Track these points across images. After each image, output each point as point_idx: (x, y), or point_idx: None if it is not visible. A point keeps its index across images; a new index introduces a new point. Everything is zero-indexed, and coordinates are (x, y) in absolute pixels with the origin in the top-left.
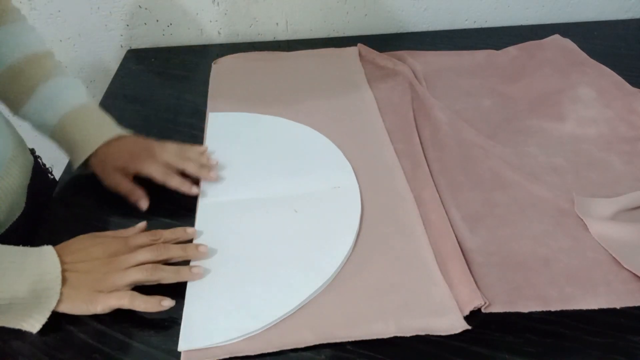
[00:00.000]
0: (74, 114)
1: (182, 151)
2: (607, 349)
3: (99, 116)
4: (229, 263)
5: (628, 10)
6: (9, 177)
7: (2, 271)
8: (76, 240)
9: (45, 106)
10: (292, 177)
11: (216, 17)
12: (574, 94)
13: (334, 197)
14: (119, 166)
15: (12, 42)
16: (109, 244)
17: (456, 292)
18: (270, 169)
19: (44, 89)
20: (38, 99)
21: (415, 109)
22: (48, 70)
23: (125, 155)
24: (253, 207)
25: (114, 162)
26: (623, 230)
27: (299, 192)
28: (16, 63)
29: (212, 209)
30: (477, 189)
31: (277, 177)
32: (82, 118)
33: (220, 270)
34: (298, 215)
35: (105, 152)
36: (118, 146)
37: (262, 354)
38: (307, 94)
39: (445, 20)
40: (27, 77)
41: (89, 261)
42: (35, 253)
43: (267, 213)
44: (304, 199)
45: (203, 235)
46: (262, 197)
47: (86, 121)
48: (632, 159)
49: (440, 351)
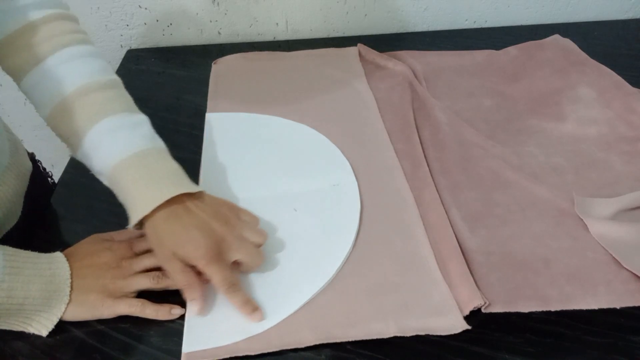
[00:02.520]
0: (126, 164)
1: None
2: (607, 349)
3: (160, 165)
4: None
5: (628, 10)
6: (3, 186)
7: (17, 269)
8: (83, 244)
9: (91, 156)
10: (291, 176)
11: (216, 17)
12: (574, 94)
13: (333, 195)
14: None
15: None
16: (116, 249)
17: (456, 292)
18: (269, 168)
19: (92, 134)
20: (86, 146)
21: (415, 109)
22: (97, 107)
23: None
24: (252, 206)
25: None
26: (623, 230)
27: (298, 191)
28: (70, 95)
29: None
30: (477, 189)
31: (276, 176)
32: (134, 167)
33: None
34: (298, 214)
35: (163, 220)
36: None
37: (262, 354)
38: (307, 94)
39: (445, 20)
40: (73, 118)
41: (96, 266)
42: (46, 256)
43: (267, 212)
44: (303, 198)
45: None
46: (261, 197)
47: (139, 171)
48: (632, 159)
49: (440, 351)
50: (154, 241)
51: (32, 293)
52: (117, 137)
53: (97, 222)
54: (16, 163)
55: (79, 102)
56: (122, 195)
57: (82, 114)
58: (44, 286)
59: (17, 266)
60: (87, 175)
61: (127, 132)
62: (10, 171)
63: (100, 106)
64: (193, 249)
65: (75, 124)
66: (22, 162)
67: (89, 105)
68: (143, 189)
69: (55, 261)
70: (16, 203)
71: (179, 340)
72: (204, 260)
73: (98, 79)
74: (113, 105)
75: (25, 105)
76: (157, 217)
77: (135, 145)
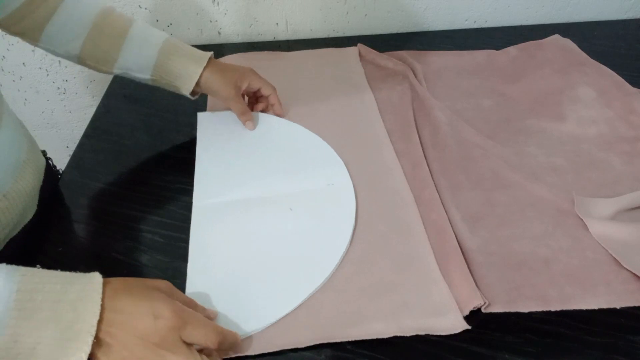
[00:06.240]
0: (168, 45)
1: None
2: (607, 349)
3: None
4: (227, 265)
5: (628, 10)
6: (22, 180)
7: (38, 304)
8: (128, 291)
9: (141, 48)
10: (286, 175)
11: (216, 17)
12: (574, 94)
13: (328, 193)
14: (230, 82)
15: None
16: (166, 320)
17: (456, 292)
18: (263, 168)
19: (132, 34)
20: (130, 46)
21: (415, 109)
22: (123, 20)
23: (230, 72)
24: (248, 207)
25: (228, 81)
26: (623, 230)
27: (293, 190)
28: (97, 20)
29: (207, 211)
30: (477, 189)
31: (270, 175)
32: (175, 46)
33: (219, 272)
34: (293, 213)
35: (214, 70)
36: (218, 66)
37: (262, 354)
38: (307, 94)
39: (445, 20)
40: (112, 29)
41: (134, 336)
42: (78, 286)
43: (262, 213)
44: (298, 197)
45: (199, 239)
46: (256, 197)
47: (179, 49)
48: (632, 159)
49: (440, 351)
50: (217, 84)
51: (48, 337)
52: (152, 29)
53: (97, 222)
54: (33, 158)
55: (107, 22)
56: (174, 62)
57: (114, 28)
58: (59, 334)
59: (29, 308)
60: (87, 175)
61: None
62: (28, 166)
63: (125, 19)
64: (256, 77)
65: (113, 38)
66: (38, 158)
67: (115, 21)
68: (193, 50)
69: (85, 297)
70: (34, 197)
71: None
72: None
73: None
74: (129, 17)
75: (25, 105)
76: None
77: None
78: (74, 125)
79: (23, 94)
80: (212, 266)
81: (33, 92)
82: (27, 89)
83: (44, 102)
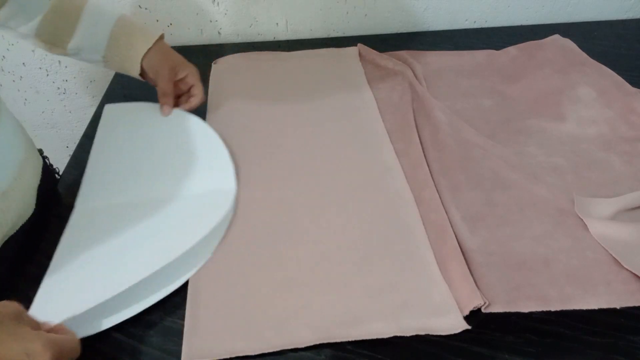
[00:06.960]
0: (121, 23)
1: None
2: (607, 349)
3: (135, 21)
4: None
5: (628, 10)
6: (21, 179)
7: None
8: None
9: (96, 27)
10: (171, 179)
11: (216, 17)
12: (574, 94)
13: (207, 200)
14: (170, 64)
15: None
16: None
17: (456, 292)
18: (151, 169)
19: (87, 13)
20: (86, 24)
21: (415, 109)
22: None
23: (175, 57)
24: (126, 212)
25: (167, 62)
26: (623, 230)
27: (174, 194)
28: (54, 1)
29: (86, 215)
30: (477, 189)
31: (156, 178)
32: (128, 25)
33: (78, 281)
34: (167, 220)
35: (156, 52)
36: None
37: (262, 354)
38: (307, 94)
39: (445, 20)
40: (68, 6)
41: None
42: None
43: (138, 219)
44: (178, 202)
45: (69, 242)
46: (137, 202)
47: (131, 27)
48: (632, 159)
49: (440, 351)
50: (156, 60)
51: None
52: (106, 7)
53: None
54: (31, 157)
55: (125, 29)
56: (123, 41)
57: (70, 6)
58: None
59: None
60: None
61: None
62: (27, 165)
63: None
64: (196, 76)
65: (68, 16)
66: (36, 157)
67: (132, 25)
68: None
69: None
70: (32, 196)
71: (179, 340)
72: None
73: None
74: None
75: (25, 105)
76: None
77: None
78: (74, 125)
79: (23, 94)
80: (73, 277)
81: (33, 92)
82: (27, 89)
83: (44, 102)
